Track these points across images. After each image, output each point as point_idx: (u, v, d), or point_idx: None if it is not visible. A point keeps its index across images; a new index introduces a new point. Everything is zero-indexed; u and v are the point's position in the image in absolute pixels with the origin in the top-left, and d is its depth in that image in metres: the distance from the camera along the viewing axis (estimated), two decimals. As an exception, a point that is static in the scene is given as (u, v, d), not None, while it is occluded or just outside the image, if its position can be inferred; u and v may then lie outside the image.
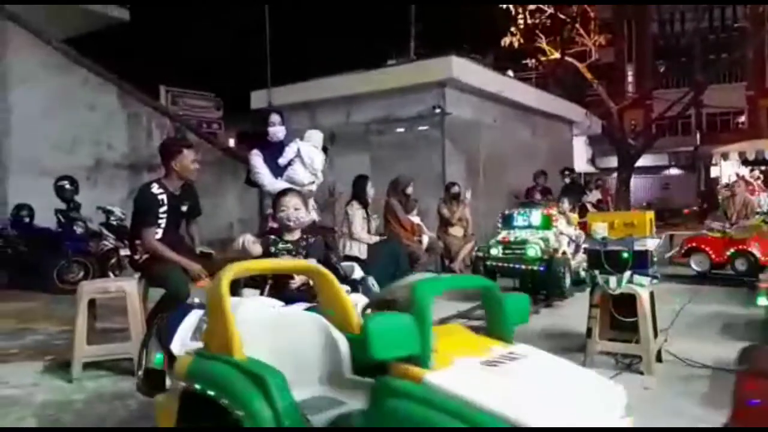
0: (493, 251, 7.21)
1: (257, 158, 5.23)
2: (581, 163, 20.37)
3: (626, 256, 4.15)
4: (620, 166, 19.78)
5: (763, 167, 14.71)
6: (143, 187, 4.28)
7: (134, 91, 11.83)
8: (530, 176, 11.41)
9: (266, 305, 2.63)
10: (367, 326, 1.66)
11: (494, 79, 13.30)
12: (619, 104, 20.92)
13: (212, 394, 1.94)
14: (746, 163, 14.59)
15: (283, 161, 5.33)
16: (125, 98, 11.59)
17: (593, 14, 20.76)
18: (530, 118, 14.88)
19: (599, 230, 4.37)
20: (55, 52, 10.69)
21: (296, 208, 3.41)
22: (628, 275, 4.06)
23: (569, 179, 11.69)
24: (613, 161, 21.79)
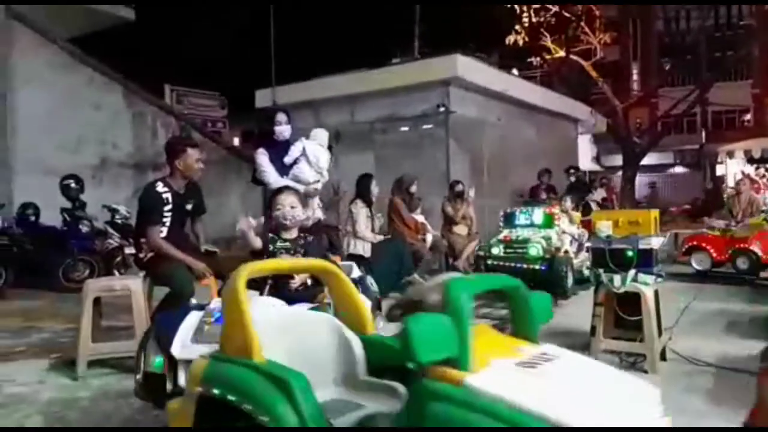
0: (494, 250, 7.17)
1: (263, 157, 5.24)
2: (586, 161, 20.32)
3: (631, 254, 4.14)
4: (625, 164, 19.76)
5: (768, 165, 14.67)
6: (148, 185, 4.30)
7: (139, 90, 11.87)
8: (535, 175, 11.41)
9: (269, 305, 2.59)
10: (409, 329, 1.59)
11: (499, 77, 13.27)
12: (624, 102, 20.88)
13: (233, 399, 1.87)
14: (752, 161, 14.56)
15: (288, 160, 5.35)
16: (130, 97, 11.64)
17: (598, 12, 20.71)
18: (535, 116, 14.83)
19: (604, 229, 4.37)
20: (60, 51, 10.73)
21: (292, 206, 3.34)
22: (632, 274, 4.05)
23: (574, 178, 11.68)
24: (618, 159, 21.75)
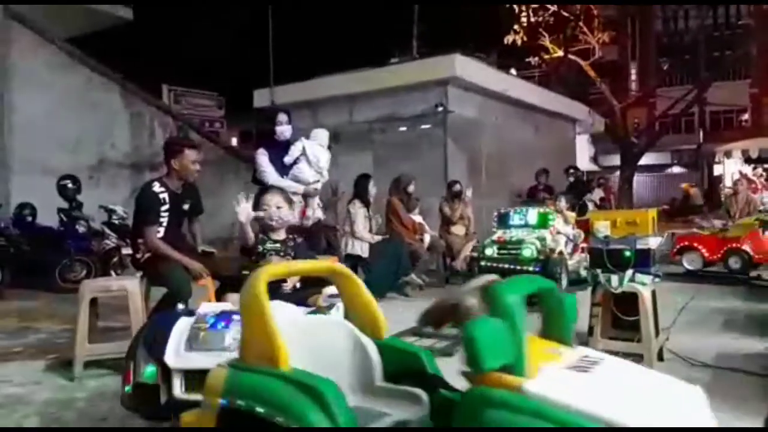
0: (487, 251, 6.98)
1: (263, 157, 5.25)
2: (584, 161, 20.32)
3: (628, 254, 4.15)
4: (623, 164, 19.77)
5: (766, 165, 14.71)
6: (145, 185, 4.28)
7: (137, 90, 11.85)
8: (533, 175, 11.40)
9: (282, 310, 2.53)
10: (472, 335, 1.52)
11: (497, 77, 13.28)
12: (622, 102, 20.89)
13: (262, 411, 1.77)
14: (749, 161, 14.60)
15: (288, 160, 5.37)
16: (128, 97, 11.62)
17: (596, 12, 20.73)
18: (533, 116, 14.84)
19: (602, 229, 4.38)
20: (59, 51, 10.71)
21: (278, 206, 3.30)
22: (630, 274, 4.05)
23: (573, 178, 11.67)
24: (615, 159, 21.76)
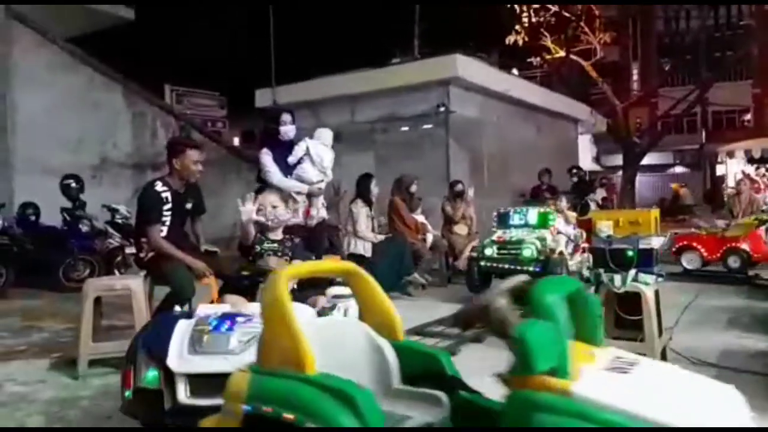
0: (487, 251, 6.83)
1: (267, 157, 5.27)
2: (586, 161, 20.33)
3: (631, 254, 4.14)
4: (625, 164, 19.74)
5: (768, 165, 14.69)
6: (147, 185, 4.30)
7: (139, 90, 11.87)
8: (535, 174, 11.38)
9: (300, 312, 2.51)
10: (525, 337, 1.49)
11: (499, 77, 13.29)
12: (624, 102, 20.88)
13: (292, 417, 1.72)
14: (752, 161, 14.59)
15: (292, 160, 5.38)
16: (130, 97, 11.63)
17: (598, 12, 20.68)
18: (535, 116, 14.84)
19: (604, 228, 4.38)
20: (60, 51, 10.72)
21: (274, 205, 3.25)
22: (633, 273, 4.04)
23: (577, 178, 11.62)
24: (618, 159, 21.75)
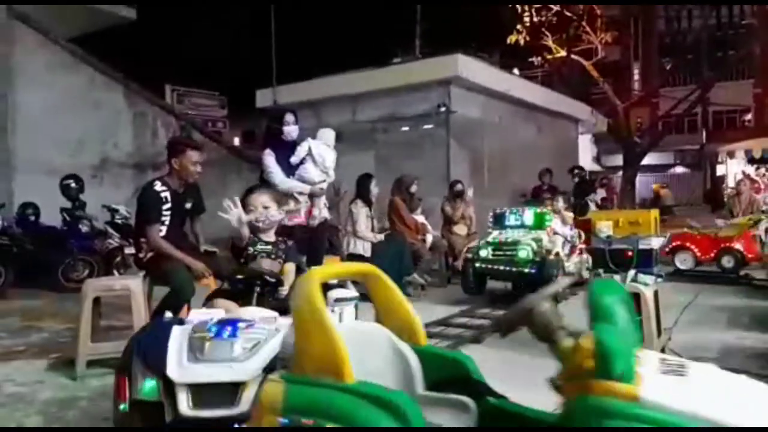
0: (482, 252, 6.66)
1: (270, 158, 5.27)
2: (586, 161, 20.31)
3: (631, 254, 4.14)
4: (625, 164, 19.72)
5: (769, 165, 14.66)
6: (146, 185, 4.29)
7: (140, 90, 11.86)
8: (535, 174, 11.36)
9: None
10: (607, 342, 1.44)
11: (500, 77, 13.27)
12: (625, 102, 20.85)
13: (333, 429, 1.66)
14: (752, 161, 14.57)
15: (295, 160, 5.38)
16: (131, 97, 11.63)
17: (599, 12, 20.66)
18: (535, 116, 14.83)
19: (604, 229, 4.37)
20: (62, 51, 10.72)
21: (265, 206, 3.17)
22: (632, 274, 4.04)
23: (578, 178, 11.61)
24: (618, 159, 21.73)
